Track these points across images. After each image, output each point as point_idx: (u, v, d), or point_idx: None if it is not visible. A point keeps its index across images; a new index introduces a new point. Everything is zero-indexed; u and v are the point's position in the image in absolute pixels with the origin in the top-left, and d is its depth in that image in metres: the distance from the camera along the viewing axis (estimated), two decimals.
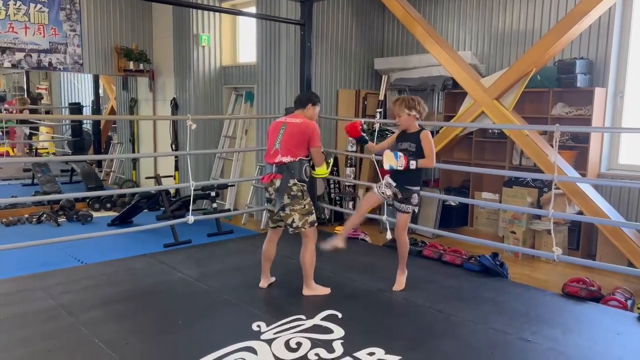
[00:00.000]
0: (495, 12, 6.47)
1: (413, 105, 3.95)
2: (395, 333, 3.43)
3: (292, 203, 3.87)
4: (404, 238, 4.16)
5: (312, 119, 4.04)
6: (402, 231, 4.12)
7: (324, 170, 4.04)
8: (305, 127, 3.91)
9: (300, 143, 3.89)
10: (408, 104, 3.95)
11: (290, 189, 3.86)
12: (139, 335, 3.36)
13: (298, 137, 3.88)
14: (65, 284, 4.26)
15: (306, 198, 3.94)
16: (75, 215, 6.94)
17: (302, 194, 3.90)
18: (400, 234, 4.13)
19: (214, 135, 8.01)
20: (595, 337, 3.45)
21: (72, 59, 7.52)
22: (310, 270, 4.01)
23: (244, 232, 6.62)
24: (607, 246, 5.16)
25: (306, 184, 3.97)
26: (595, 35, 5.65)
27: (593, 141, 5.55)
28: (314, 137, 3.90)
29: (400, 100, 4.00)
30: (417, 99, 3.99)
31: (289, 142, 3.88)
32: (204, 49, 7.79)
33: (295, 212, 3.88)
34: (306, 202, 3.93)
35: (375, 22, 7.58)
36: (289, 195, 3.86)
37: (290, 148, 3.87)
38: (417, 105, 3.96)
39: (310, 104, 4.04)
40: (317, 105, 4.08)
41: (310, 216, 3.94)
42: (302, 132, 3.89)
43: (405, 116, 3.96)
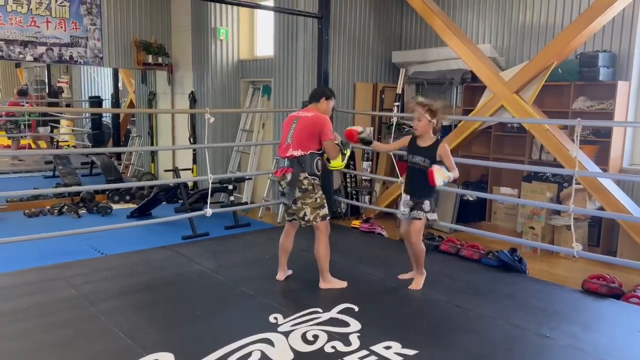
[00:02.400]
0: (516, 4, 6.38)
1: (437, 113, 3.81)
2: (411, 327, 3.43)
3: (303, 197, 3.90)
4: (418, 246, 4.01)
5: (326, 113, 4.03)
6: (415, 238, 3.96)
7: (339, 163, 4.01)
8: (316, 120, 3.91)
9: (311, 137, 3.89)
10: (432, 111, 3.79)
11: (301, 182, 3.87)
12: (157, 325, 3.41)
13: (309, 130, 3.89)
14: (86, 275, 4.34)
15: (317, 192, 3.94)
16: (96, 207, 7.04)
17: (312, 187, 3.91)
18: (414, 241, 3.98)
19: (232, 128, 8.05)
20: (614, 334, 3.40)
21: (93, 52, 7.61)
22: (325, 264, 4.02)
23: (261, 225, 6.65)
24: (628, 242, 5.08)
25: (318, 178, 3.97)
26: (619, 28, 5.54)
27: (615, 136, 5.46)
28: (325, 130, 3.88)
29: (425, 105, 3.82)
30: (443, 107, 3.86)
31: (300, 135, 3.90)
32: (221, 42, 7.82)
33: (306, 205, 3.90)
34: (317, 196, 3.93)
35: (393, 15, 7.52)
36: (300, 188, 3.88)
37: (302, 142, 3.88)
38: (439, 114, 3.82)
39: (324, 97, 4.04)
40: (331, 100, 4.07)
41: (321, 210, 3.93)
42: (313, 125, 3.89)
43: (426, 122, 3.82)
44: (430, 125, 3.83)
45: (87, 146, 11.57)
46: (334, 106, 4.19)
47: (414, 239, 3.97)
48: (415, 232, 3.96)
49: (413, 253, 4.09)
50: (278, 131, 7.25)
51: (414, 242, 3.98)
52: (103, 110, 12.26)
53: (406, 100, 7.31)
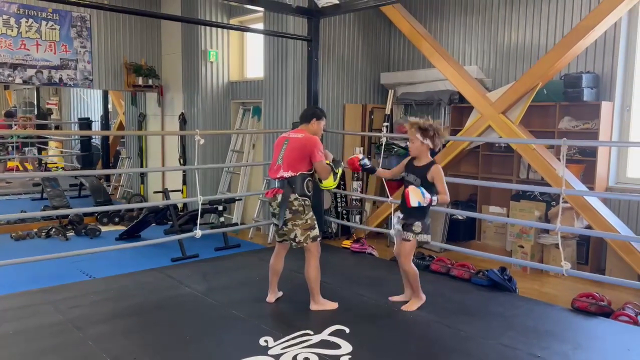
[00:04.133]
0: (501, 27, 6.51)
1: (428, 134, 3.71)
2: (403, 348, 3.41)
3: (293, 218, 3.89)
4: (409, 268, 3.96)
5: (317, 133, 4.05)
6: (405, 260, 3.93)
7: (330, 183, 3.99)
8: (306, 142, 3.91)
9: (301, 158, 3.89)
10: (423, 131, 3.71)
11: (292, 203, 3.87)
12: (147, 350, 3.36)
13: (299, 151, 3.90)
14: (73, 299, 4.28)
15: (308, 213, 3.93)
16: (84, 229, 6.98)
17: (303, 208, 3.90)
18: (404, 263, 3.94)
19: (222, 149, 8.06)
20: (605, 353, 3.41)
21: (82, 75, 7.63)
22: (315, 286, 4.00)
23: (252, 246, 6.62)
24: (616, 260, 5.12)
25: (309, 199, 3.96)
26: (602, 50, 5.67)
27: (601, 155, 5.54)
28: (315, 152, 3.88)
29: (416, 125, 3.74)
30: (436, 128, 3.72)
31: (290, 157, 3.91)
32: (212, 64, 7.87)
33: (297, 227, 3.89)
34: (308, 217, 3.92)
35: (381, 38, 7.64)
36: (290, 210, 3.88)
37: (291, 163, 3.89)
38: (433, 135, 3.71)
39: (314, 118, 4.06)
40: (321, 120, 4.09)
41: (312, 231, 3.93)
42: (303, 146, 3.90)
43: (418, 143, 3.76)
44: (424, 147, 3.77)
45: (76, 168, 11.51)
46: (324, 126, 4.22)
47: (403, 261, 3.95)
48: (405, 255, 3.92)
49: (405, 276, 4.07)
50: (268, 152, 7.27)
51: (403, 264, 3.96)
52: (92, 133, 12.22)
53: (395, 120, 7.38)
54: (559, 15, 5.98)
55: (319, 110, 4.20)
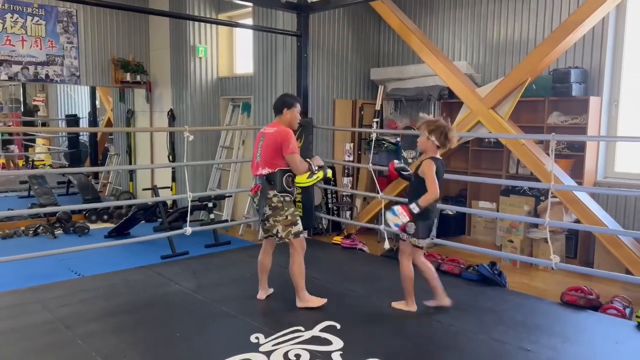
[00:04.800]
0: (490, 23, 6.53)
1: (433, 129, 3.62)
2: (394, 344, 3.42)
3: (273, 214, 3.87)
4: (401, 267, 3.87)
5: (292, 123, 3.95)
6: (400, 259, 3.89)
7: (303, 179, 3.87)
8: (277, 136, 3.83)
9: (276, 153, 3.83)
10: (429, 126, 3.65)
11: (271, 200, 3.85)
12: (137, 348, 3.34)
13: (272, 147, 3.84)
14: (62, 297, 4.24)
15: (288, 209, 3.88)
16: (72, 227, 6.92)
17: (282, 204, 3.85)
18: (400, 262, 3.89)
19: (211, 146, 8.01)
20: (594, 346, 3.44)
21: (69, 71, 7.54)
22: (300, 282, 3.94)
23: (242, 242, 6.60)
24: (604, 254, 5.17)
25: (289, 195, 3.89)
26: (590, 45, 5.70)
27: (589, 150, 5.58)
28: (285, 144, 3.79)
29: (426, 121, 3.72)
30: (443, 126, 3.61)
31: (266, 153, 3.88)
32: (200, 60, 7.82)
33: (278, 222, 3.87)
34: (288, 213, 3.87)
35: (371, 33, 7.62)
36: (269, 206, 3.86)
37: (267, 160, 3.86)
38: (437, 132, 3.60)
39: (284, 108, 3.92)
40: (293, 108, 3.93)
41: (293, 227, 3.88)
42: (275, 142, 3.83)
43: (424, 138, 3.68)
44: (429, 142, 3.65)
45: (64, 165, 11.39)
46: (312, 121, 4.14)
47: (400, 260, 3.89)
48: (400, 254, 3.90)
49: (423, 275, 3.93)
50: None
51: (400, 262, 3.89)
52: (80, 130, 12.11)
53: (385, 116, 7.38)
54: (548, 11, 6.00)
55: (289, 98, 4.02)
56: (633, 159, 5.64)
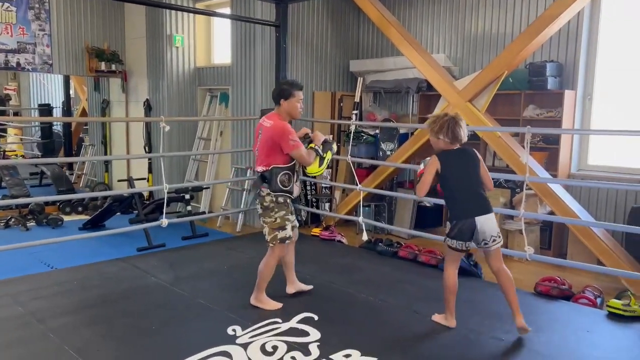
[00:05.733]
0: (468, 16, 6.57)
1: (442, 131, 3.33)
2: (371, 334, 3.44)
3: (263, 214, 3.70)
4: (444, 272, 3.51)
5: (291, 113, 3.70)
6: (444, 265, 3.57)
7: (315, 169, 3.66)
8: (274, 132, 3.58)
9: (272, 150, 3.60)
10: (433, 126, 3.38)
11: (264, 199, 3.67)
12: (111, 341, 3.29)
13: (269, 143, 3.61)
14: (34, 290, 4.16)
15: (279, 211, 3.65)
16: (45, 219, 6.77)
17: (274, 205, 3.64)
18: (444, 267, 3.56)
19: (189, 137, 7.91)
20: (566, 335, 3.51)
21: (41, 59, 7.35)
22: (262, 283, 3.78)
23: (220, 234, 6.55)
24: (577, 245, 5.27)
25: (284, 195, 3.66)
26: (565, 39, 5.78)
27: (563, 143, 5.67)
28: (284, 142, 3.54)
29: (430, 122, 3.46)
30: (451, 125, 3.31)
31: (262, 149, 3.66)
32: (177, 49, 7.70)
33: (266, 224, 3.70)
34: (278, 216, 3.65)
35: (350, 25, 7.60)
36: (262, 205, 3.69)
37: (263, 157, 3.65)
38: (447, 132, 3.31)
39: (282, 98, 3.66)
40: (291, 97, 3.64)
41: (280, 231, 3.67)
42: (272, 138, 3.59)
43: (434, 139, 3.41)
44: (441, 142, 3.38)
45: (37, 156, 11.14)
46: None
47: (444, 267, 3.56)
48: (445, 259, 3.59)
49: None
50: (236, 139, 7.19)
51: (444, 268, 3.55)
52: (54, 119, 11.84)
53: (364, 108, 7.38)
54: (525, 4, 6.06)
55: (287, 85, 3.70)
56: (606, 152, 5.76)
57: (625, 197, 5.45)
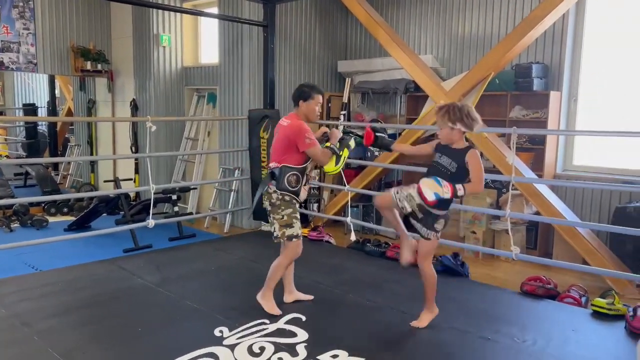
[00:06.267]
0: (455, 17, 6.61)
1: (459, 117, 3.15)
2: (359, 335, 3.44)
3: (272, 211, 3.69)
4: (426, 269, 3.46)
5: (309, 115, 3.70)
6: (422, 260, 3.46)
7: (332, 167, 3.66)
8: (289, 131, 3.60)
9: (285, 149, 3.62)
10: (452, 116, 3.16)
11: (271, 196, 3.66)
12: (97, 344, 3.26)
13: (283, 142, 3.63)
14: (18, 292, 4.10)
15: (286, 209, 3.65)
16: (30, 220, 6.69)
17: (280, 202, 3.64)
18: (421, 263, 3.47)
19: (176, 137, 7.86)
20: (551, 334, 3.55)
21: (26, 58, 7.26)
22: (270, 282, 3.75)
23: (207, 235, 6.52)
24: (562, 245, 5.32)
25: (290, 194, 3.64)
26: (550, 41, 5.84)
27: (549, 143, 5.73)
28: (300, 141, 3.55)
29: (444, 111, 3.20)
30: (466, 108, 3.17)
31: (276, 147, 3.69)
32: (164, 49, 7.64)
33: (275, 221, 3.69)
34: (285, 214, 3.65)
35: (338, 25, 7.61)
36: (270, 203, 3.69)
37: (276, 154, 3.67)
38: (464, 117, 3.14)
39: (301, 100, 3.68)
40: (310, 99, 3.66)
41: (288, 229, 3.65)
42: (286, 137, 3.61)
43: (448, 130, 3.20)
44: (456, 133, 3.20)
45: (21, 156, 11.00)
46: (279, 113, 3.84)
47: (420, 261, 3.47)
48: (423, 254, 3.46)
49: (422, 277, 3.55)
50: (224, 139, 7.16)
51: (420, 264, 3.47)
52: (39, 119, 11.70)
53: (352, 109, 7.39)
54: (511, 6, 6.11)
55: (307, 88, 3.71)
56: (590, 152, 5.83)
57: (609, 197, 5.52)
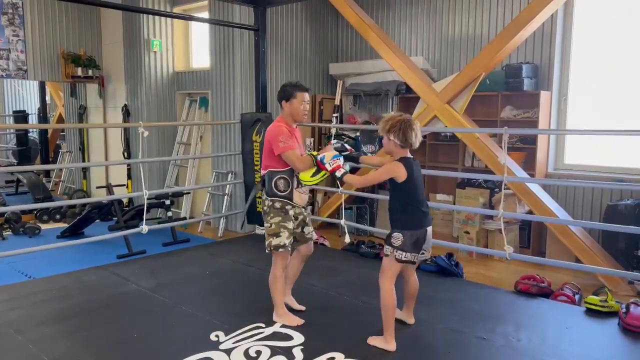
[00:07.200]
0: (446, 19, 6.64)
1: (391, 127, 3.13)
2: (354, 337, 3.44)
3: (264, 218, 3.60)
4: (383, 288, 3.22)
5: (294, 115, 3.52)
6: (380, 278, 3.26)
7: (306, 177, 3.42)
8: (267, 134, 3.51)
9: (269, 153, 3.49)
10: (385, 124, 3.16)
11: (263, 203, 3.58)
12: (91, 351, 3.24)
13: (267, 146, 3.51)
14: (11, 300, 4.07)
15: (275, 217, 3.49)
16: (22, 228, 6.65)
17: (270, 210, 3.51)
18: (380, 281, 3.25)
19: (168, 142, 7.85)
20: (546, 332, 3.57)
21: (16, 65, 7.22)
22: (274, 296, 3.60)
23: (201, 240, 6.51)
24: (555, 244, 5.36)
25: (280, 200, 3.48)
26: (540, 41, 5.88)
27: (540, 143, 5.77)
28: (274, 143, 3.41)
29: (383, 119, 3.21)
30: (400, 121, 3.11)
31: (263, 152, 3.57)
32: (155, 54, 7.63)
33: (264, 229, 3.59)
34: (274, 222, 3.48)
35: (329, 28, 7.63)
36: (262, 210, 3.61)
37: (263, 159, 3.59)
38: (395, 129, 3.11)
39: (283, 100, 3.53)
40: (293, 99, 3.49)
41: (274, 239, 3.47)
42: (267, 140, 3.49)
43: (385, 139, 3.21)
44: (391, 144, 3.18)
45: (12, 164, 10.93)
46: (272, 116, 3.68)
47: (379, 279, 3.27)
48: (381, 271, 3.27)
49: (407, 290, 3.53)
50: (216, 144, 7.15)
51: (380, 282, 3.26)
52: (29, 126, 11.64)
53: (344, 111, 7.41)
54: (500, 7, 6.16)
55: (288, 87, 3.54)
56: (581, 151, 5.87)
57: (601, 195, 5.56)
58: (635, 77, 5.44)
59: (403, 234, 3.17)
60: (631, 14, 5.41)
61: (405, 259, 3.20)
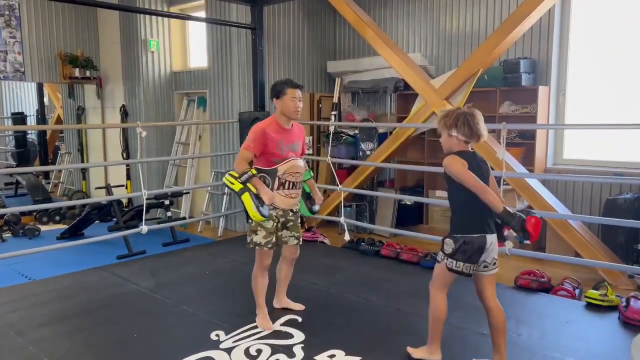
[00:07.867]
0: (443, 15, 6.63)
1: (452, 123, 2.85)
2: (355, 334, 3.45)
3: None
4: (431, 297, 2.98)
5: (286, 112, 3.44)
6: (430, 286, 3.00)
7: (228, 179, 3.32)
8: None
9: None
10: (446, 121, 2.87)
11: None
12: (92, 351, 3.24)
13: None
14: (12, 302, 4.07)
15: None
16: (22, 229, 6.65)
17: None
18: (430, 289, 3.00)
19: (167, 142, 7.84)
20: (546, 327, 3.57)
21: (13, 67, 7.21)
22: (256, 297, 3.59)
23: (201, 240, 6.51)
24: (555, 238, 5.36)
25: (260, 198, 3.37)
26: (537, 36, 5.87)
27: (539, 138, 5.76)
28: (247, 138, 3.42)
29: (441, 117, 2.93)
30: (463, 113, 2.84)
31: None
32: (153, 54, 7.62)
33: None
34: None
35: (326, 26, 7.62)
36: None
37: None
38: (458, 124, 2.82)
39: (274, 98, 3.48)
40: (283, 95, 3.42)
41: (254, 236, 3.46)
42: None
43: (445, 137, 2.92)
44: (453, 140, 2.88)
45: (11, 165, 10.93)
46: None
47: (430, 287, 3.00)
48: (433, 279, 2.99)
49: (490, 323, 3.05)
50: (215, 143, 7.15)
51: (430, 290, 3.01)
52: (28, 128, 11.65)
53: (343, 109, 7.40)
54: (497, 2, 6.14)
55: (279, 85, 3.48)
56: (580, 145, 5.87)
57: (600, 190, 5.56)
58: (633, 70, 5.43)
59: (455, 239, 2.81)
60: (629, 8, 5.40)
61: (457, 268, 2.82)
